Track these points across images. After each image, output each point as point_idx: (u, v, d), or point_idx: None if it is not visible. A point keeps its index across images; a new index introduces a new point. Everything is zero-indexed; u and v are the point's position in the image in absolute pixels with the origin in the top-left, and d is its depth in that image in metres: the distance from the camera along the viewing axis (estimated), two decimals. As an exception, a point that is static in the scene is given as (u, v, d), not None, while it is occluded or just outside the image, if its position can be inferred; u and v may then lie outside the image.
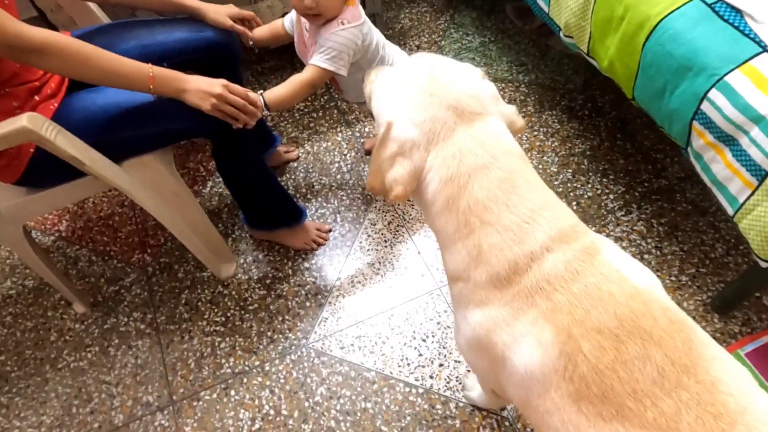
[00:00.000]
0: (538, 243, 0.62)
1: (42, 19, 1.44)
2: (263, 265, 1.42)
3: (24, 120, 0.83)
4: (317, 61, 1.06)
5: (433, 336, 1.25)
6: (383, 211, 1.49)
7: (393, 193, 0.67)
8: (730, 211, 0.99)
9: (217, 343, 1.29)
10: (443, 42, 1.89)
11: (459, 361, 1.21)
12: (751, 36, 0.93)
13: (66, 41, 0.86)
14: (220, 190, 1.58)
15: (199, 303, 1.36)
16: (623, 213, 1.42)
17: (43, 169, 0.99)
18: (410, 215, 1.47)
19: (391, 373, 1.21)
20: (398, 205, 1.49)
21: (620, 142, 1.56)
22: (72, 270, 1.46)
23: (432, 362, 1.22)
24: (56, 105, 1.00)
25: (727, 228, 1.35)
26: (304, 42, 1.16)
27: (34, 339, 1.34)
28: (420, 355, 1.23)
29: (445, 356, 1.22)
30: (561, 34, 1.30)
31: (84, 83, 0.95)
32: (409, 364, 1.22)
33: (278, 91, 1.06)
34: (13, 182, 1.02)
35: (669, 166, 1.50)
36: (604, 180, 1.49)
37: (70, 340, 1.33)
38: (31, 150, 0.97)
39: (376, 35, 1.15)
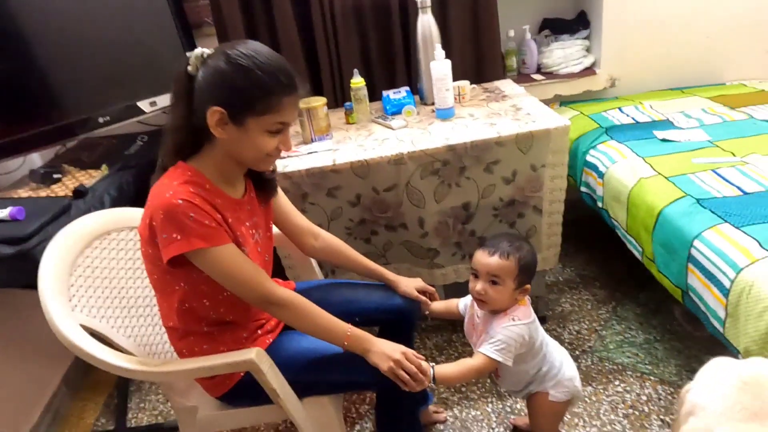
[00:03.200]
0: None
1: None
2: None
3: (252, 354, 1.05)
4: (487, 351, 1.18)
5: None
6: (528, 505, 1.37)
7: None
8: None
9: None
10: (604, 332, 1.92)
11: None
12: None
13: (299, 300, 1.12)
14: (366, 435, 1.64)
15: None
16: None
17: (243, 392, 1.18)
18: None
19: None
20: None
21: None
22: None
23: None
24: (270, 340, 1.23)
25: None
26: (473, 324, 1.31)
27: None
28: None
29: None
30: (740, 356, 1.27)
31: (295, 327, 1.18)
32: None
33: (448, 370, 1.18)
34: (216, 397, 1.22)
35: None
36: None
37: None
38: (242, 374, 1.18)
39: (541, 333, 1.27)
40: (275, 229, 1.35)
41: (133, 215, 1.38)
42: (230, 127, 1.02)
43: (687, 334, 1.85)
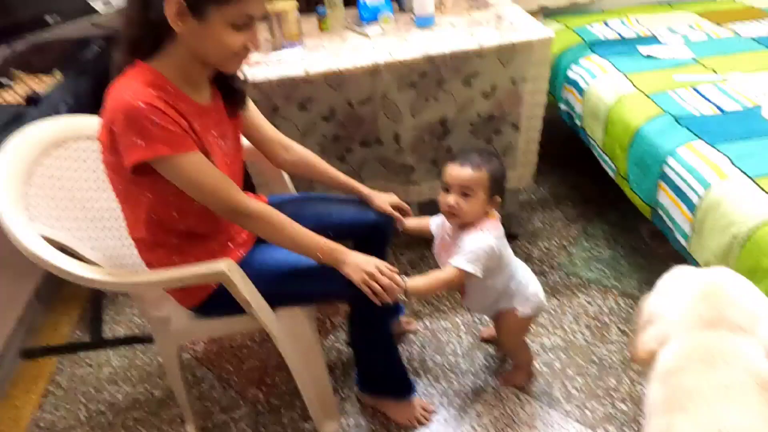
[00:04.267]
0: None
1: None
2: (364, 431, 1.43)
3: (223, 265, 1.04)
4: (458, 262, 1.19)
5: None
6: (491, 405, 1.46)
7: (639, 352, 0.85)
8: None
9: (302, 504, 1.28)
10: (573, 249, 1.97)
11: None
12: None
13: (270, 212, 1.09)
14: (339, 345, 1.69)
15: (295, 455, 1.39)
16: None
17: (216, 302, 1.18)
18: (520, 417, 1.42)
19: None
20: (507, 402, 1.46)
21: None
22: (194, 390, 1.60)
23: None
24: (243, 253, 1.22)
25: None
26: (443, 244, 1.32)
27: (145, 448, 1.44)
28: None
29: None
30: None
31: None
32: None
33: (419, 282, 1.19)
34: (189, 308, 1.22)
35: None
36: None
37: (175, 459, 1.41)
38: (214, 286, 1.17)
39: (508, 250, 1.28)
40: (246, 142, 1.29)
41: (93, 123, 1.30)
42: (191, 21, 0.94)
43: (651, 251, 1.91)
